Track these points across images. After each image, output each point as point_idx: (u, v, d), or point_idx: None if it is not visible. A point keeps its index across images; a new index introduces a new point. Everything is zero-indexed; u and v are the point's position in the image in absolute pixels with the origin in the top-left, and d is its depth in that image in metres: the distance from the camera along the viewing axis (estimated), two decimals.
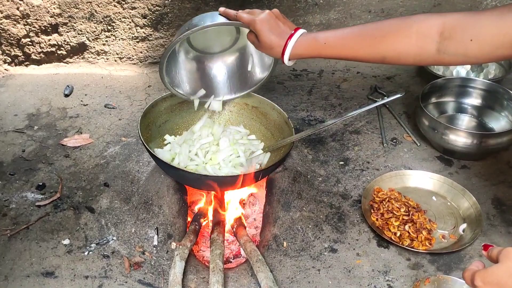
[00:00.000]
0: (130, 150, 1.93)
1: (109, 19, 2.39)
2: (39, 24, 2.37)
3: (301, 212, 1.65)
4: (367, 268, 1.49)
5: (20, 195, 1.73)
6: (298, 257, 1.53)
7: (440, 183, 1.76)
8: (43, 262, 1.50)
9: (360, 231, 1.62)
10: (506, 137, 1.81)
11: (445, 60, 1.25)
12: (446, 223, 1.64)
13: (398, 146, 1.99)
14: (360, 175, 1.84)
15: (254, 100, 1.82)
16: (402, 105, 2.24)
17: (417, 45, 1.25)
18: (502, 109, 2.02)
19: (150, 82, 2.42)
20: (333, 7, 2.51)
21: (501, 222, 1.65)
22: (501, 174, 1.84)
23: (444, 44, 1.22)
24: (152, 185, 1.70)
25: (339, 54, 1.39)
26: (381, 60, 1.34)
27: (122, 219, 1.63)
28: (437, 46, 1.22)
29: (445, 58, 1.24)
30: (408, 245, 1.53)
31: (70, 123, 2.10)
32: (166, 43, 2.49)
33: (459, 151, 1.86)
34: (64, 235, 1.59)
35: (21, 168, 1.85)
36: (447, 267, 1.49)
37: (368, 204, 1.68)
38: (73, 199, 1.72)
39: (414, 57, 1.28)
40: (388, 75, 2.48)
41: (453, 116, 2.11)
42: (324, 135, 2.04)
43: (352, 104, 2.24)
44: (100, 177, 1.81)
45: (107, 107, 2.22)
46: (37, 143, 1.98)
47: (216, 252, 1.48)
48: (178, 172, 1.54)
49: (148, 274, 1.48)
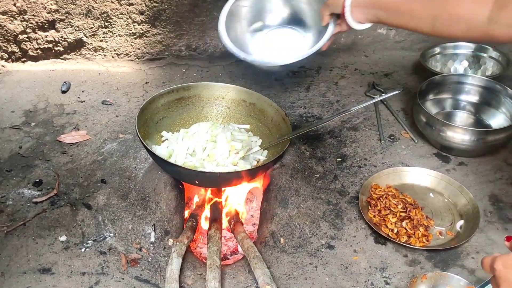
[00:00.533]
0: (127, 147, 1.93)
1: (106, 15, 2.38)
2: (36, 20, 2.36)
3: (298, 209, 1.65)
4: (364, 265, 1.49)
5: (17, 191, 1.73)
6: (295, 254, 1.53)
7: (437, 179, 1.76)
8: (40, 259, 1.50)
9: (357, 228, 1.62)
10: (503, 133, 1.81)
11: (495, 32, 1.19)
12: (443, 220, 1.64)
13: (396, 142, 1.99)
14: (358, 171, 1.84)
15: (252, 97, 1.83)
16: (399, 101, 2.24)
17: (469, 9, 1.21)
18: (500, 106, 2.02)
19: (148, 79, 2.41)
20: None
21: (498, 218, 1.65)
22: (498, 171, 1.84)
23: (497, 13, 1.16)
24: (149, 181, 1.70)
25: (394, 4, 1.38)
26: (431, 22, 1.30)
27: (119, 216, 1.63)
28: (490, 14, 1.17)
29: (495, 29, 1.18)
30: (405, 241, 1.54)
31: (67, 120, 2.10)
32: (163, 40, 2.48)
33: (457, 148, 1.86)
34: (61, 231, 1.59)
35: (18, 165, 1.85)
36: (444, 264, 1.49)
37: (365, 201, 1.68)
38: (70, 196, 1.71)
39: (465, 23, 1.23)
40: (385, 72, 2.48)
41: (450, 113, 2.11)
42: (321, 131, 2.03)
43: (350, 101, 2.24)
44: (97, 174, 1.81)
45: (104, 103, 2.22)
46: (34, 140, 1.98)
47: (213, 249, 1.48)
48: (175, 169, 1.54)
49: (145, 270, 1.48)
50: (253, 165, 1.70)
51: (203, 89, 1.86)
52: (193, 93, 1.84)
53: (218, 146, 1.68)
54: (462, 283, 1.37)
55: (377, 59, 2.60)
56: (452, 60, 2.41)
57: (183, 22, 2.45)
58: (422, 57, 2.36)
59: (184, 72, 2.48)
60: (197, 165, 1.64)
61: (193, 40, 2.53)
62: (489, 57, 2.35)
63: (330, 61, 2.58)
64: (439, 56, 2.42)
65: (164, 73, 2.46)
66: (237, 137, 1.75)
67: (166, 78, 2.42)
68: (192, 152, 1.68)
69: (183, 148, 1.67)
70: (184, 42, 2.52)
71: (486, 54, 2.36)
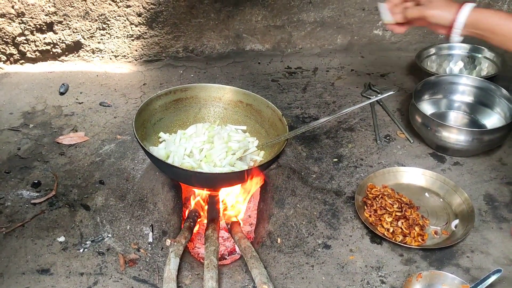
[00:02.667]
0: (125, 148, 1.94)
1: (104, 17, 2.39)
2: (34, 23, 2.37)
3: (295, 209, 1.66)
4: (360, 264, 1.51)
5: (16, 193, 1.74)
6: (292, 253, 1.55)
7: (432, 179, 1.77)
8: (38, 260, 1.51)
9: (353, 228, 1.63)
10: (498, 133, 1.83)
11: None
12: (439, 219, 1.66)
13: (392, 143, 2.00)
14: (354, 172, 1.85)
15: (249, 98, 1.84)
16: (395, 102, 2.26)
17: None
18: (494, 106, 2.03)
19: (145, 80, 2.42)
20: (327, 5, 2.52)
21: (493, 218, 1.66)
22: (493, 171, 1.86)
23: None
24: (147, 182, 1.71)
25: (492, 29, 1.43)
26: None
27: (117, 217, 1.64)
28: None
29: None
30: (401, 241, 1.55)
31: (66, 121, 2.11)
32: (161, 41, 2.49)
33: (452, 148, 1.87)
34: (59, 232, 1.59)
35: (16, 166, 1.85)
36: (439, 263, 1.50)
37: (361, 201, 1.70)
38: (69, 197, 1.72)
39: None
40: (382, 73, 2.50)
41: (446, 113, 2.13)
42: (318, 132, 2.05)
43: (346, 102, 2.26)
44: (95, 175, 1.82)
45: (102, 105, 2.23)
46: (32, 141, 1.99)
47: (210, 249, 1.49)
48: (173, 170, 1.55)
49: (143, 270, 1.49)
50: (250, 166, 1.71)
51: (200, 91, 1.87)
52: (190, 95, 1.85)
53: (215, 147, 1.69)
54: (457, 281, 1.38)
55: (373, 60, 2.62)
56: (447, 60, 2.43)
57: (180, 23, 2.46)
58: (418, 58, 2.37)
59: (182, 73, 2.49)
60: (194, 166, 1.65)
61: (190, 41, 2.54)
62: (484, 58, 2.37)
63: (326, 62, 2.60)
64: (435, 57, 2.43)
65: (161, 75, 2.47)
66: (234, 138, 1.76)
67: (164, 80, 2.43)
68: (190, 153, 1.69)
69: (181, 149, 1.68)
70: (182, 43, 2.53)
71: (481, 55, 2.37)
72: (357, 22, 2.60)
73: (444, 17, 1.48)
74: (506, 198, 1.74)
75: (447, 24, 1.48)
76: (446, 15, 1.47)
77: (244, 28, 2.55)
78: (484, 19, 1.44)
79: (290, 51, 2.66)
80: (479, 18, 1.44)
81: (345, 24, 2.60)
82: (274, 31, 2.57)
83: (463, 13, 1.44)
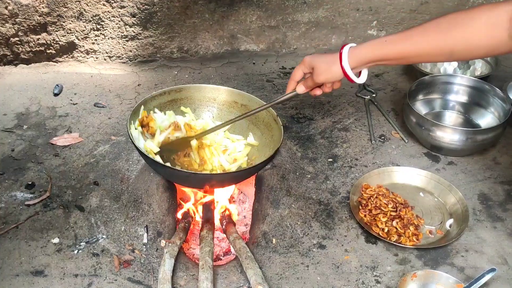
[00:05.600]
0: (119, 149, 1.93)
1: (98, 18, 2.39)
2: (28, 23, 2.36)
3: (290, 209, 1.66)
4: (355, 264, 1.51)
5: (9, 194, 1.73)
6: (287, 254, 1.55)
7: (427, 179, 1.78)
8: (32, 261, 1.50)
9: (348, 227, 1.63)
10: (492, 133, 1.83)
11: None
12: (433, 219, 1.66)
13: (386, 143, 2.00)
14: (349, 172, 1.86)
15: (244, 98, 1.83)
16: (390, 102, 2.26)
17: (487, 35, 1.21)
18: (488, 106, 2.04)
19: (140, 81, 2.42)
20: (322, 5, 2.52)
21: (487, 217, 1.67)
22: (487, 170, 1.86)
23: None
24: (141, 183, 1.70)
25: (402, 51, 1.34)
26: (449, 55, 1.30)
27: (112, 218, 1.63)
28: (509, 32, 1.18)
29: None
30: (395, 240, 1.55)
31: (60, 122, 2.10)
32: (155, 42, 2.49)
33: (446, 148, 1.88)
34: (53, 234, 1.59)
35: (10, 168, 1.85)
36: (434, 262, 1.51)
37: (356, 201, 1.70)
38: (63, 198, 1.72)
39: (485, 48, 1.24)
40: (376, 73, 2.50)
41: (440, 113, 2.14)
42: (313, 132, 2.05)
43: (341, 102, 2.26)
44: (90, 176, 1.81)
45: (96, 106, 2.22)
46: (26, 142, 1.98)
47: (205, 250, 1.49)
48: (167, 170, 1.55)
49: (138, 272, 1.49)
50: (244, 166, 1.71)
51: (195, 91, 1.86)
52: (185, 95, 1.85)
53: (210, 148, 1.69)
54: (451, 281, 1.39)
55: None
56: None
57: (174, 24, 2.46)
58: None
59: (176, 74, 2.48)
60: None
61: (185, 42, 2.53)
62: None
63: None
64: None
65: (156, 75, 2.47)
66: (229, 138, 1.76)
67: (158, 80, 2.42)
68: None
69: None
70: (176, 44, 2.53)
71: None
72: (352, 22, 2.61)
73: (334, 74, 1.42)
74: (500, 197, 1.74)
75: (342, 77, 1.43)
76: (333, 72, 1.42)
77: (238, 29, 2.54)
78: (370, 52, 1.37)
79: (285, 51, 2.66)
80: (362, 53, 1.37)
81: (340, 24, 2.61)
82: (268, 32, 2.57)
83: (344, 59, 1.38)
